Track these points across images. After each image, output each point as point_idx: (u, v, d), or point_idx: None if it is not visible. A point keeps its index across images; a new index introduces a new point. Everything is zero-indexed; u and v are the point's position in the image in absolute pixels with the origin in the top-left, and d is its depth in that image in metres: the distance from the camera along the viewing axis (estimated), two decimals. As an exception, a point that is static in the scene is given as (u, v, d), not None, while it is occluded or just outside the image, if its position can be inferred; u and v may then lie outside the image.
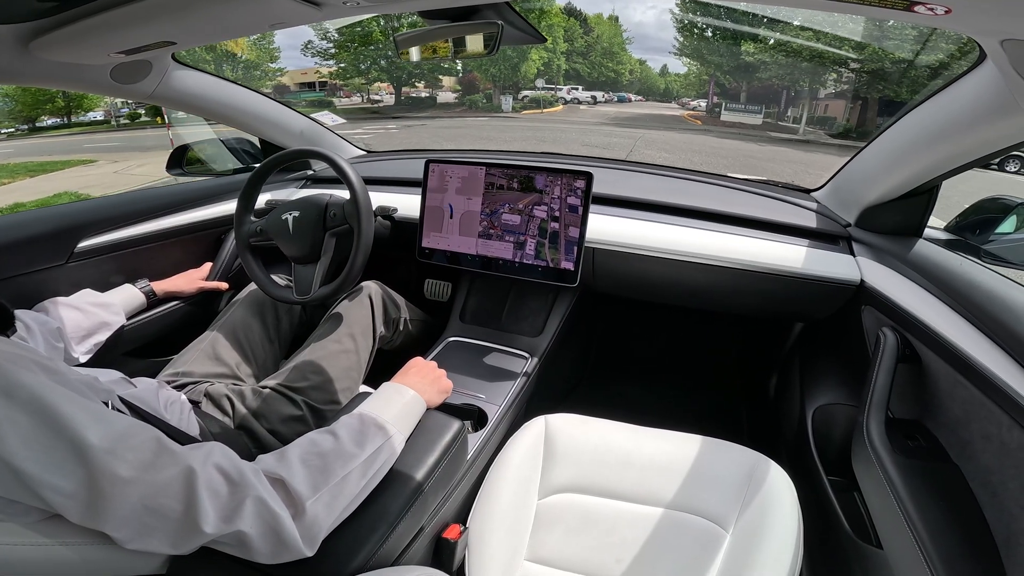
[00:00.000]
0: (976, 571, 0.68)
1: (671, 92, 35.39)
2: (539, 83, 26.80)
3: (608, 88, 32.12)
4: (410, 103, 27.63)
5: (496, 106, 25.81)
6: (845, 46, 16.79)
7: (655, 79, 38.86)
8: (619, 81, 33.15)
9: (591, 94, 30.82)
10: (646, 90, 36.31)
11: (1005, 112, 0.74)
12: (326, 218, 1.23)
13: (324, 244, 1.23)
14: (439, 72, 26.99)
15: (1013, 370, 0.71)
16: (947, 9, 0.52)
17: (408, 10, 0.84)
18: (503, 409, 1.12)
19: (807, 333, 1.47)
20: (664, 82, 38.27)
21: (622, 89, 33.40)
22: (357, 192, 1.15)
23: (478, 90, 27.91)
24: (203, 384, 1.04)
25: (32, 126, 22.20)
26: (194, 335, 1.20)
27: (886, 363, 0.91)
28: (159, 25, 0.86)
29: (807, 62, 19.67)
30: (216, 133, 2.05)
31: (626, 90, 33.75)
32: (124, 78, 1.16)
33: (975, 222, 1.14)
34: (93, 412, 0.53)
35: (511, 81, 26.78)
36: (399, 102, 27.39)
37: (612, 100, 31.70)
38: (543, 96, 27.81)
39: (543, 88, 28.55)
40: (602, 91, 31.71)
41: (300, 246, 1.23)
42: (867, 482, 0.88)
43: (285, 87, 27.36)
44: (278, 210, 1.27)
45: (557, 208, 1.27)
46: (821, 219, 1.30)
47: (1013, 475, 0.69)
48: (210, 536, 0.54)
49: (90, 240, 1.22)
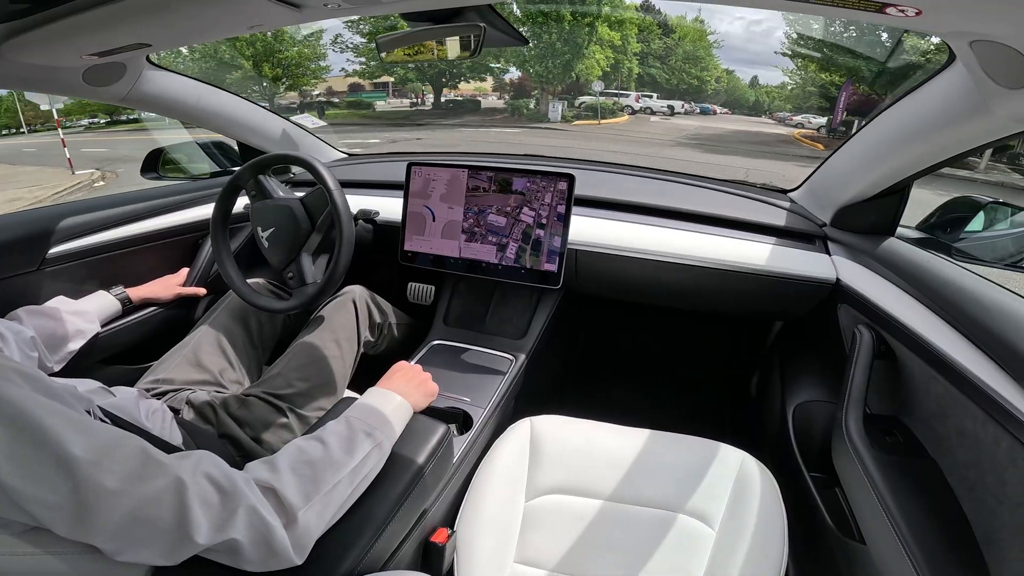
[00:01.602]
0: (957, 565, 0.69)
1: (761, 106, 28.97)
2: (597, 86, 20.98)
3: (689, 97, 25.54)
4: (450, 107, 24.18)
5: (541, 114, 21.39)
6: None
7: (744, 90, 31.58)
8: (703, 90, 26.46)
9: (668, 103, 23.78)
10: (733, 102, 29.36)
11: (974, 113, 0.76)
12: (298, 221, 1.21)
13: (308, 242, 1.21)
14: (482, 72, 23.00)
15: (986, 365, 0.73)
16: (917, 11, 0.54)
17: (390, 12, 0.84)
18: (488, 412, 1.12)
19: (786, 332, 1.50)
20: (754, 94, 31.00)
21: (706, 100, 26.42)
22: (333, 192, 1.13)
23: (528, 94, 23.45)
24: (184, 392, 1.02)
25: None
26: (172, 342, 1.17)
27: (862, 360, 0.93)
28: (133, 27, 0.84)
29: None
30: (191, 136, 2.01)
31: (711, 101, 26.83)
32: (97, 80, 1.13)
33: (945, 221, 1.17)
34: (76, 423, 0.52)
35: (563, 83, 21.80)
36: (437, 105, 24.24)
37: (694, 111, 25.12)
38: (604, 104, 21.79)
39: (605, 94, 22.18)
40: (682, 100, 24.96)
41: (284, 256, 1.21)
42: (848, 478, 0.89)
43: (360, 86, 25.08)
44: (254, 231, 1.24)
45: (545, 214, 1.28)
46: (797, 219, 1.33)
47: (989, 469, 0.70)
48: (203, 547, 0.54)
49: (62, 246, 1.18)
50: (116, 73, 1.15)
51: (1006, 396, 0.67)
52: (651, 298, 1.45)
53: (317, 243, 1.21)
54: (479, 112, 23.89)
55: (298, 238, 1.20)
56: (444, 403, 1.09)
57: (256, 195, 1.24)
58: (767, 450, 1.28)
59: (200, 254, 1.46)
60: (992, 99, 0.71)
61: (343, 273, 1.14)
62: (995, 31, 0.58)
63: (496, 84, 24.87)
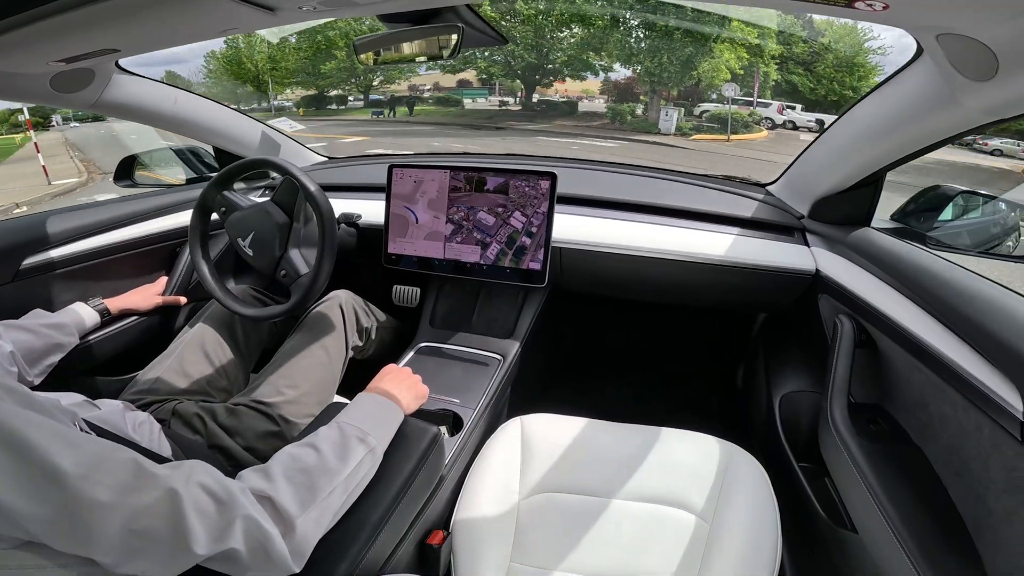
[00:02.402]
0: (948, 552, 0.70)
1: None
2: (729, 89, 16.45)
3: (838, 112, 13.62)
4: (540, 109, 20.99)
5: (650, 123, 17.18)
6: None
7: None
8: (858, 104, 20.95)
9: (815, 117, 18.10)
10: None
11: (943, 105, 0.77)
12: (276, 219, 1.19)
13: (291, 236, 1.19)
14: (581, 69, 19.21)
15: (964, 351, 0.74)
16: (885, 5, 0.55)
17: (366, 14, 0.84)
18: (478, 412, 1.12)
19: (770, 323, 1.52)
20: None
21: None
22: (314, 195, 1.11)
23: (636, 97, 19.37)
24: (171, 402, 1.00)
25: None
26: (154, 352, 1.15)
27: (844, 349, 0.95)
28: (102, 33, 0.82)
29: None
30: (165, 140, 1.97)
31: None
32: (65, 87, 1.10)
33: (919, 209, 1.19)
34: (64, 437, 0.50)
35: (681, 86, 17.58)
36: (527, 106, 21.16)
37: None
38: (737, 114, 16.86)
39: (737, 101, 17.46)
40: (827, 114, 17.90)
41: (273, 253, 1.19)
42: (836, 467, 0.90)
43: (467, 82, 23.14)
44: (233, 241, 1.23)
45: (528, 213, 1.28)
46: (776, 212, 1.35)
47: (973, 455, 0.71)
48: (202, 557, 0.53)
49: (37, 257, 1.15)
50: (84, 79, 1.13)
51: (985, 382, 0.68)
52: (636, 294, 1.46)
53: (302, 234, 1.19)
54: (574, 116, 20.80)
55: (281, 234, 1.18)
56: (434, 405, 1.09)
57: (226, 211, 1.22)
58: (756, 442, 1.30)
59: (179, 262, 1.43)
60: (960, 92, 0.72)
61: (327, 276, 1.13)
62: (960, 24, 0.59)
63: (604, 85, 21.08)
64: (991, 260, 1.03)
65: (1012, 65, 0.60)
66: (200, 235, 1.21)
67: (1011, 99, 0.66)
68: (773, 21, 17.71)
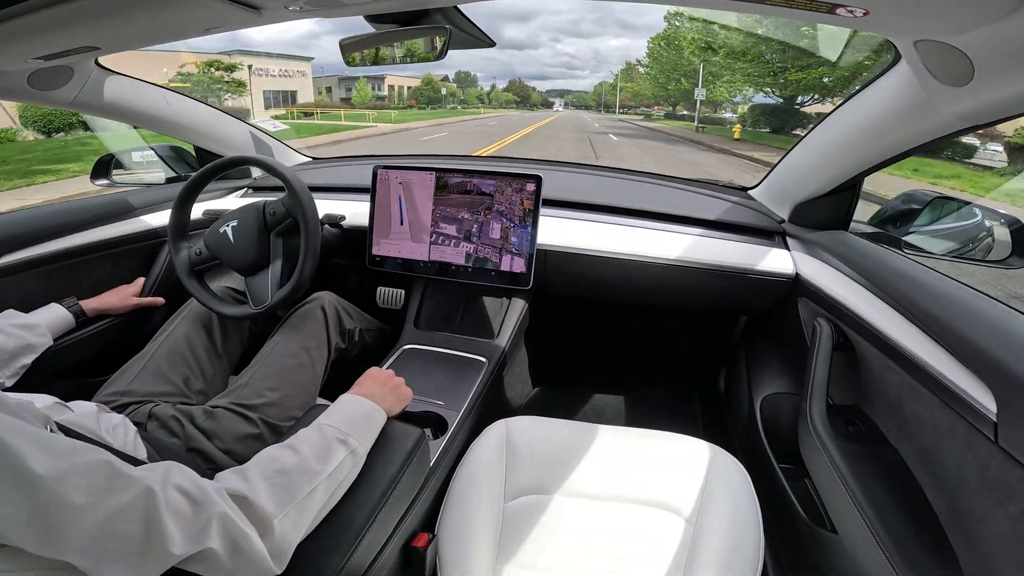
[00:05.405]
0: (925, 551, 0.71)
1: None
2: None
3: None
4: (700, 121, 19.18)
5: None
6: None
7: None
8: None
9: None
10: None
11: (920, 111, 0.79)
12: (266, 217, 1.19)
13: (271, 247, 1.18)
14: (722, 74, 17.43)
15: (938, 353, 0.76)
16: (865, 11, 0.56)
17: (354, 14, 0.83)
18: (463, 415, 1.11)
19: (751, 326, 1.54)
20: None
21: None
22: (296, 189, 1.11)
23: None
24: (147, 404, 0.98)
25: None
26: (130, 354, 1.12)
27: (823, 352, 0.97)
28: (82, 30, 0.81)
29: None
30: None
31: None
32: (43, 85, 1.08)
33: (895, 215, 1.22)
34: (36, 438, 0.49)
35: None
36: (672, 115, 20.15)
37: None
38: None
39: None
40: None
41: (245, 254, 1.18)
42: (815, 468, 0.92)
43: None
44: (215, 224, 1.21)
45: (514, 216, 1.28)
46: (757, 216, 1.37)
47: (948, 455, 0.73)
48: (179, 558, 0.52)
49: (10, 256, 1.13)
50: (63, 77, 1.11)
51: (958, 383, 0.70)
52: (620, 296, 1.47)
53: (280, 247, 1.19)
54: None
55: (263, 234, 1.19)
56: (418, 407, 1.09)
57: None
58: (737, 443, 1.31)
59: (156, 262, 1.41)
60: (936, 97, 0.74)
61: (311, 274, 1.12)
62: (937, 31, 0.61)
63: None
64: (964, 264, 1.06)
65: (987, 71, 0.61)
66: (180, 222, 1.20)
67: (986, 105, 0.68)
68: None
